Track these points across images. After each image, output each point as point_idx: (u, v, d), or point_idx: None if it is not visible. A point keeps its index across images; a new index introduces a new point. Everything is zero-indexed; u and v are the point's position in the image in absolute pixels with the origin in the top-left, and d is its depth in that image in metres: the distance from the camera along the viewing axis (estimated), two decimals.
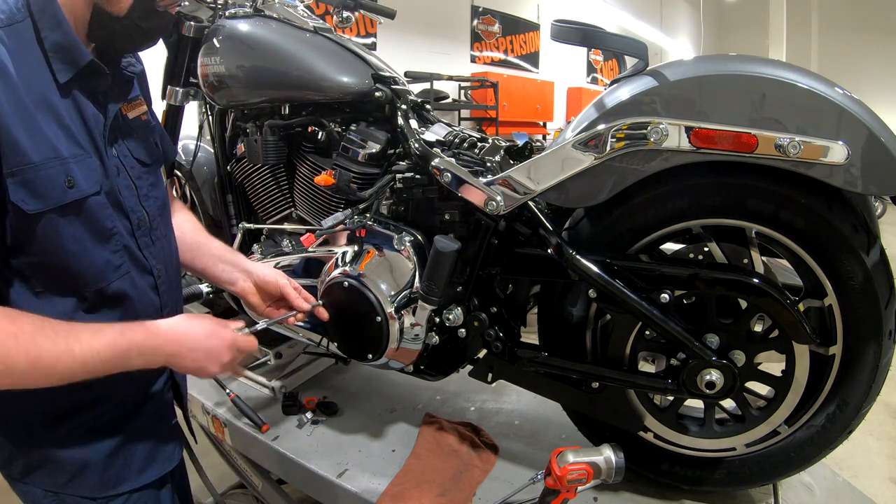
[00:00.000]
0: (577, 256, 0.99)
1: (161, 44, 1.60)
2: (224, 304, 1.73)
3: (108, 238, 0.80)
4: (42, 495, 0.82)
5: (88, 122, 0.77)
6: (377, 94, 1.27)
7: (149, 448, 0.89)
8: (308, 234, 1.35)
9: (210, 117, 1.54)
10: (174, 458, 0.94)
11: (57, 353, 0.68)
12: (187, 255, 1.03)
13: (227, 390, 1.39)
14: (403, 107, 1.26)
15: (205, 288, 1.51)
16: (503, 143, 1.23)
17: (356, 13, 1.46)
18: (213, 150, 1.60)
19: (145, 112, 0.92)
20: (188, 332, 0.82)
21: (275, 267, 1.38)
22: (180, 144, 1.77)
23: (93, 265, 0.78)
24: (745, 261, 0.95)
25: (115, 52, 0.82)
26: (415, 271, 1.16)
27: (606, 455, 0.98)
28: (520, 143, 1.27)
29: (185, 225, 1.06)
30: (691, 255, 1.00)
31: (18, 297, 0.75)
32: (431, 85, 6.51)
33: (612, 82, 1.00)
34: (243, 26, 1.33)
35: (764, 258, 0.96)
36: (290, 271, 1.35)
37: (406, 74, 5.41)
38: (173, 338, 0.80)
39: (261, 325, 1.03)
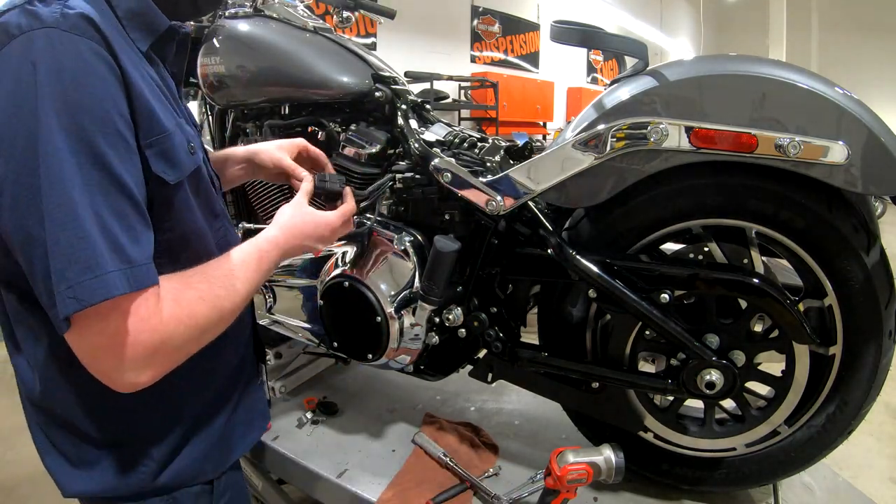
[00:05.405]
0: (577, 256, 0.99)
1: None
2: None
3: (216, 217, 0.80)
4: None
5: (170, 89, 0.74)
6: (377, 94, 1.26)
7: (248, 411, 0.89)
8: None
9: (210, 117, 1.53)
10: (266, 416, 0.94)
11: (233, 298, 0.70)
12: None
13: None
14: (403, 107, 1.26)
15: None
16: (503, 143, 1.23)
17: (356, 13, 1.46)
18: (212, 151, 1.60)
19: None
20: (301, 232, 0.85)
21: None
22: None
23: (206, 247, 0.76)
24: (745, 261, 0.95)
25: (174, 17, 0.76)
26: (415, 271, 1.16)
27: (606, 455, 0.98)
28: (520, 143, 1.26)
29: None
30: (691, 255, 0.99)
31: None
32: (431, 85, 6.51)
33: (612, 82, 1.00)
34: (243, 26, 1.33)
35: (764, 258, 0.96)
36: (290, 271, 1.35)
37: (406, 74, 5.41)
38: (291, 240, 0.83)
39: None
